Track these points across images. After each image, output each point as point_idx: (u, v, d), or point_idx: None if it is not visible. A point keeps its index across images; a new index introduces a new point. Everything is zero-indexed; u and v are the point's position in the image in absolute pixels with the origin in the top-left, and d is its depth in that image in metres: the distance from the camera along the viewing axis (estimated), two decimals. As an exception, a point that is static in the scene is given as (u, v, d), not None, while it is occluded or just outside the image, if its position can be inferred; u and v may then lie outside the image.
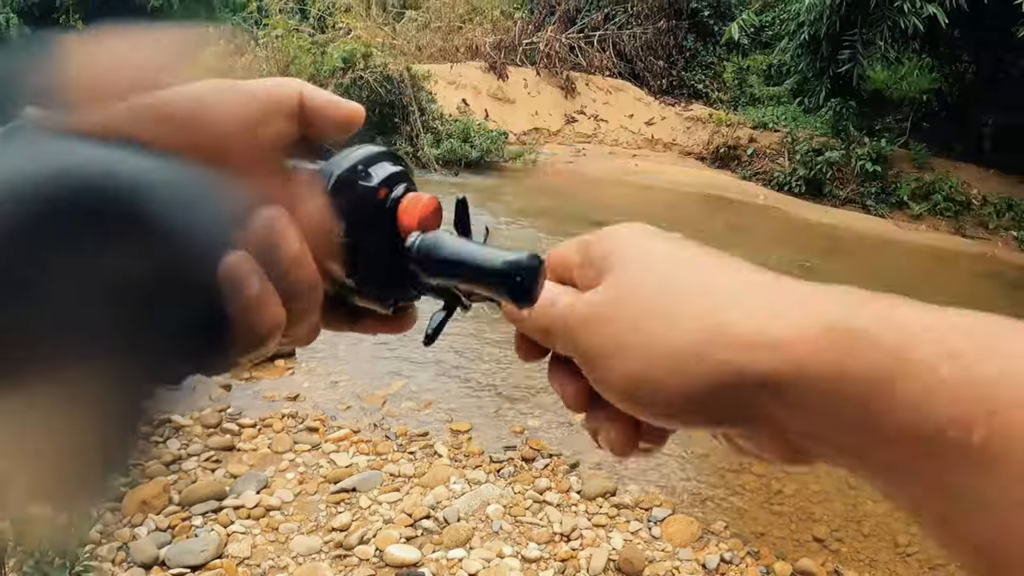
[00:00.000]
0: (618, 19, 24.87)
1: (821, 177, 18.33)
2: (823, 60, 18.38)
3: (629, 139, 22.15)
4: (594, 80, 23.55)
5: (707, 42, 25.53)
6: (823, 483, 6.18)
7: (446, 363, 7.54)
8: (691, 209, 16.43)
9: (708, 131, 21.59)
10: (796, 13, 18.59)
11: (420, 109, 17.83)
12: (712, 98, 24.67)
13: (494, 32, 24.37)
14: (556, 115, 22.32)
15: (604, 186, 17.57)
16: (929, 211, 17.40)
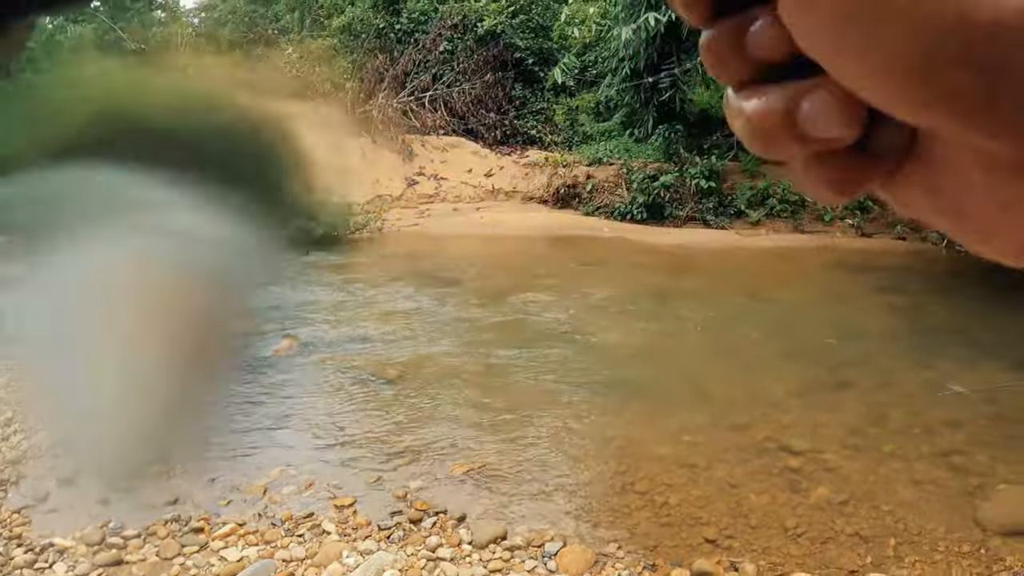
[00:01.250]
0: (446, 78, 25.27)
1: (660, 201, 19.09)
2: (647, 91, 19.13)
3: (471, 193, 22.50)
4: (430, 140, 23.94)
5: (535, 89, 26.28)
6: (703, 488, 6.50)
7: (320, 440, 7.60)
8: (540, 252, 16.92)
9: (546, 174, 22.20)
10: (615, 50, 19.15)
11: (261, 191, 17.70)
12: (547, 142, 25.40)
13: (326, 105, 24.35)
14: (397, 180, 22.55)
15: (452, 242, 17.90)
16: (767, 215, 18.39)
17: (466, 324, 11.08)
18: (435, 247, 17.40)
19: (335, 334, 10.78)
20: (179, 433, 1.37)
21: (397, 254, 16.80)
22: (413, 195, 22.27)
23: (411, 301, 12.51)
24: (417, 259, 16.20)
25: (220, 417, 8.01)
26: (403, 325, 11.07)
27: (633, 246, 16.99)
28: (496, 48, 25.43)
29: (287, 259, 7.19)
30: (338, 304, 12.48)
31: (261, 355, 9.91)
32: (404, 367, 9.26)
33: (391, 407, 8.12)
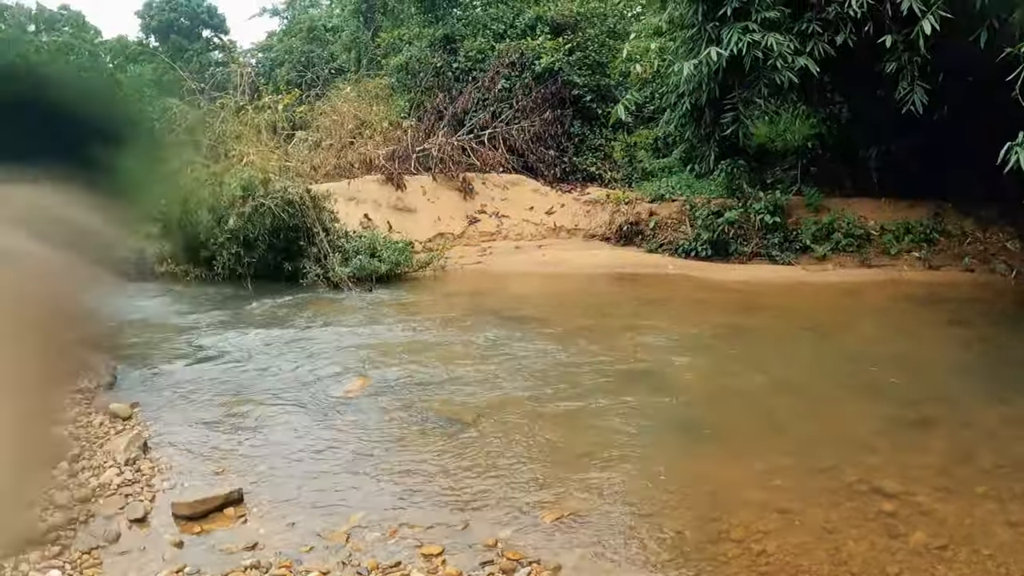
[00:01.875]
0: (505, 116, 25.35)
1: (724, 237, 18.85)
2: (707, 125, 18.96)
3: (532, 231, 22.51)
4: (490, 178, 23.96)
5: (593, 125, 26.33)
6: (800, 534, 6.32)
7: (400, 484, 7.46)
8: (606, 290, 16.86)
9: (608, 211, 22.12)
10: (675, 86, 19.14)
11: (324, 229, 17.86)
12: (606, 178, 25.31)
13: (385, 143, 24.61)
14: (458, 218, 22.64)
15: (515, 280, 17.92)
16: (832, 250, 18.08)
17: (538, 364, 10.95)
18: (499, 285, 17.39)
19: (407, 374, 10.68)
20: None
21: (461, 292, 16.78)
22: (475, 233, 22.31)
23: (480, 340, 12.40)
24: (482, 297, 16.14)
25: (297, 458, 8.16)
26: (475, 365, 10.96)
27: (698, 283, 16.81)
28: (554, 85, 25.50)
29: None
30: (407, 343, 12.43)
31: (334, 395, 9.99)
32: (480, 409, 9.16)
33: (470, 450, 8.01)
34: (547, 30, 26.62)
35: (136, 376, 11.53)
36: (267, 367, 11.49)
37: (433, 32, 28.07)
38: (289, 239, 17.75)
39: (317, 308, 15.53)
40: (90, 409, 10.00)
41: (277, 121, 23.25)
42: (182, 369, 11.71)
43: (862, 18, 15.36)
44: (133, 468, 7.87)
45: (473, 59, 27.12)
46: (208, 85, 26.48)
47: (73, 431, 9.01)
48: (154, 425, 9.24)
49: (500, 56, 26.27)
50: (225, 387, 10.61)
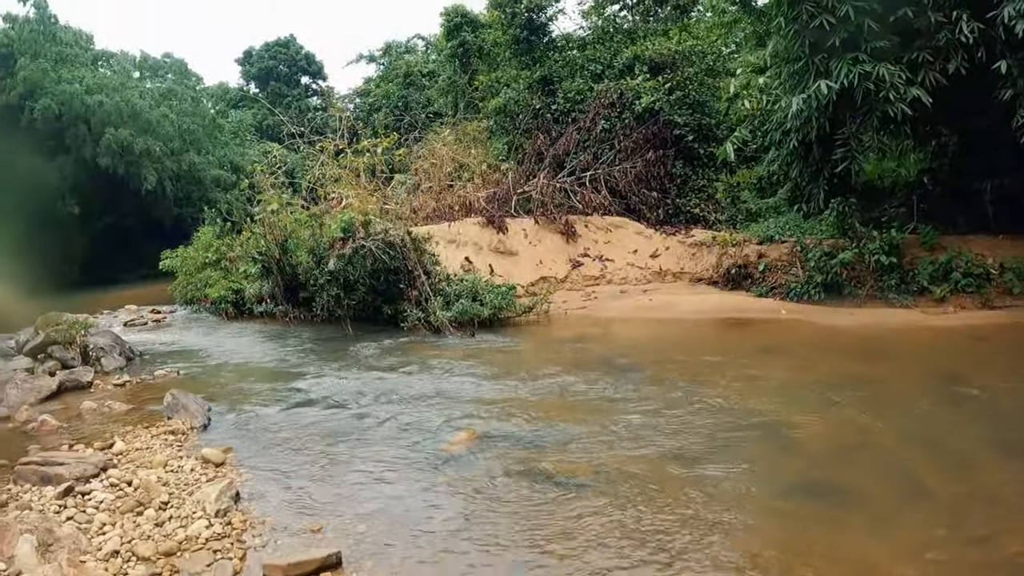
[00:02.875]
0: (606, 157, 24.81)
1: (838, 280, 17.84)
2: (815, 163, 18.01)
3: (637, 275, 21.79)
4: (592, 220, 23.39)
5: (695, 166, 25.62)
6: None
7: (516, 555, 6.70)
8: (717, 337, 15.99)
9: (715, 254, 21.27)
10: (781, 122, 18.28)
11: (425, 272, 17.52)
12: (710, 220, 24.55)
13: (484, 186, 24.31)
14: (560, 261, 22.06)
15: (622, 326, 17.14)
16: (952, 291, 16.78)
17: (651, 417, 10.14)
18: (605, 331, 16.66)
19: (514, 427, 9.99)
20: None
21: (567, 338, 16.08)
22: (578, 277, 21.68)
23: (589, 391, 11.67)
24: (588, 344, 15.43)
25: (400, 519, 7.53)
26: (585, 419, 10.20)
27: (814, 329, 15.78)
28: (655, 125, 24.89)
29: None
30: (512, 392, 11.74)
31: (438, 448, 9.33)
32: (594, 468, 8.40)
33: (587, 516, 7.22)
34: (645, 70, 26.10)
35: (231, 419, 11.12)
36: (367, 414, 10.97)
37: (531, 74, 27.80)
38: (389, 281, 17.45)
39: (417, 353, 15.05)
40: (182, 452, 9.56)
41: (376, 164, 23.09)
42: (279, 413, 11.27)
43: (973, 44, 14.49)
44: (223, 520, 7.41)
45: (572, 100, 26.77)
46: (308, 129, 26.48)
47: (162, 476, 8.55)
48: (247, 473, 8.77)
49: (599, 97, 25.78)
50: (323, 434, 10.13)
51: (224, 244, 23.90)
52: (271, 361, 15.40)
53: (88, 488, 8.22)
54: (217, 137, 44.72)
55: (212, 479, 8.47)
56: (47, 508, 7.74)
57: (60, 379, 13.84)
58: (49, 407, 12.55)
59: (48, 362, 14.97)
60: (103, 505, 7.84)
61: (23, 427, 11.45)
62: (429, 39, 57.06)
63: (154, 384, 13.99)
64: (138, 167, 38.22)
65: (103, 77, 40.50)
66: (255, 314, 20.54)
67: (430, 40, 56.37)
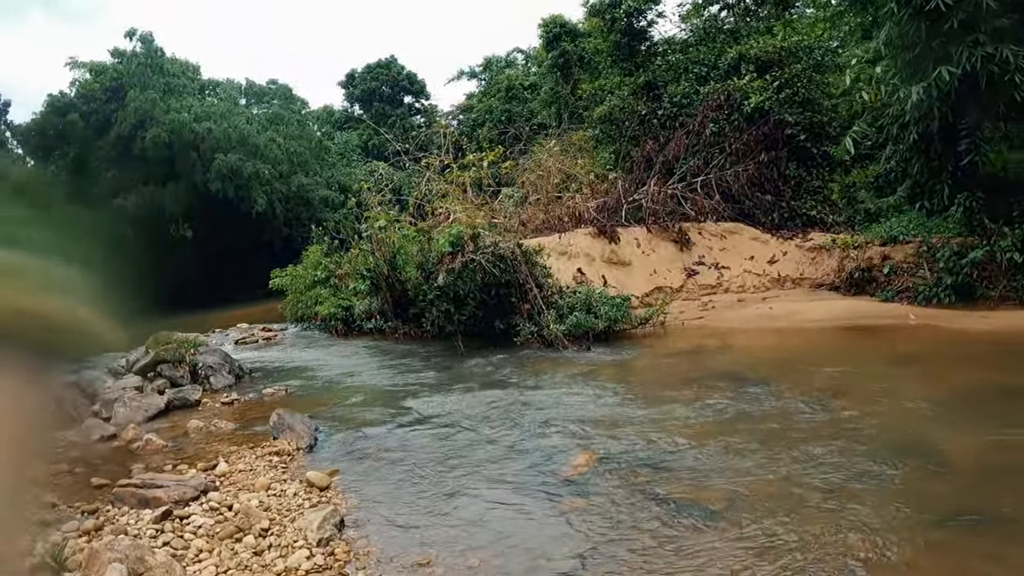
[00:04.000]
0: (717, 161, 23.97)
1: (968, 281, 16.59)
2: (937, 157, 16.93)
3: (755, 282, 20.94)
4: (706, 227, 22.62)
5: (809, 167, 24.51)
6: None
7: None
8: (845, 345, 14.99)
9: (835, 258, 20.29)
10: (897, 115, 17.22)
11: (537, 285, 17.04)
12: (828, 222, 23.36)
13: (593, 196, 23.77)
14: (675, 270, 21.35)
15: (743, 337, 16.31)
16: None
17: (783, 436, 9.35)
18: (725, 343, 15.87)
19: (636, 447, 9.33)
20: None
21: (685, 351, 15.35)
22: (694, 286, 20.92)
23: (713, 408, 10.92)
24: (708, 356, 14.70)
25: (515, 551, 6.91)
26: (711, 438, 9.46)
27: (948, 335, 14.59)
28: (766, 126, 23.91)
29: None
30: (632, 409, 11.10)
31: (556, 471, 8.70)
32: (728, 494, 7.67)
33: (724, 551, 6.53)
34: (752, 69, 25.13)
35: (338, 439, 10.72)
36: (480, 434, 10.50)
37: (634, 80, 27.21)
38: (500, 295, 17.05)
39: (531, 368, 14.58)
40: (286, 475, 9.15)
41: (482, 178, 22.79)
42: (388, 432, 10.86)
43: None
44: (326, 550, 6.99)
45: (678, 104, 26.05)
46: (412, 146, 26.34)
47: (264, 500, 8.10)
48: (353, 498, 8.35)
49: (706, 99, 24.98)
50: (434, 456, 9.65)
51: (332, 262, 23.99)
52: (380, 378, 15.12)
53: (187, 512, 7.95)
54: (324, 158, 45.44)
55: (316, 504, 8.09)
56: (143, 532, 7.48)
57: (168, 397, 13.84)
58: (156, 425, 12.56)
59: (157, 380, 14.99)
60: (201, 530, 7.54)
61: (128, 446, 11.44)
62: (528, 52, 57.04)
63: (262, 403, 13.81)
64: (248, 190, 39.34)
65: (211, 105, 41.88)
66: (364, 331, 20.47)
67: (529, 53, 56.37)
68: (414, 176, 25.24)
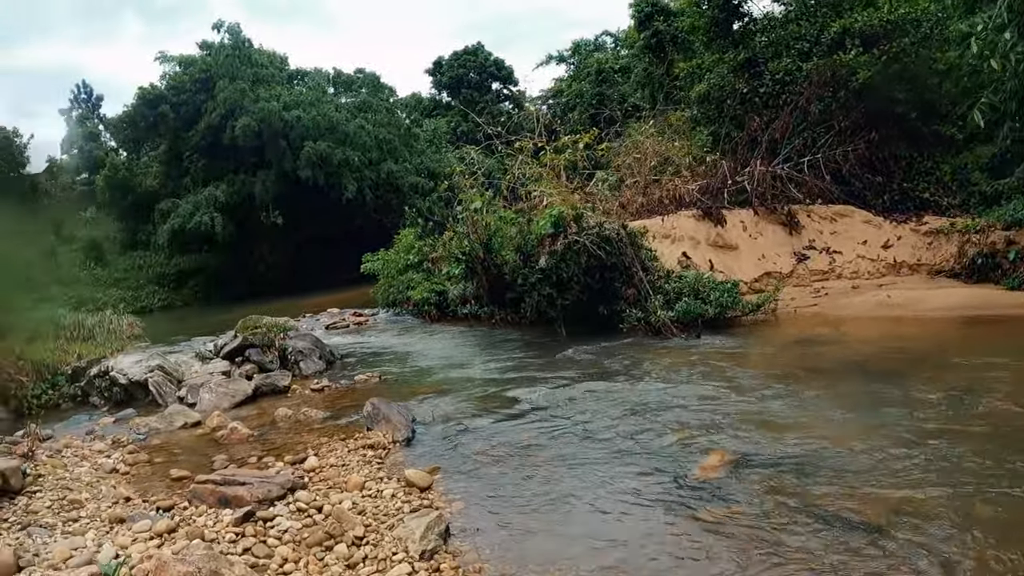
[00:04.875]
0: (823, 140, 22.73)
1: None
2: None
3: (869, 268, 19.87)
4: (815, 210, 21.52)
5: (920, 147, 23.14)
6: None
7: None
8: (977, 337, 13.91)
9: (955, 243, 19.10)
10: (1017, 89, 16.05)
11: (643, 268, 16.13)
12: (942, 205, 22.00)
13: (692, 178, 22.77)
14: (784, 255, 20.34)
15: (861, 326, 15.28)
16: None
17: (931, 437, 8.31)
18: (843, 332, 14.85)
19: (769, 447, 8.41)
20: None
21: (802, 340, 14.41)
22: (805, 272, 19.90)
23: (847, 401, 9.97)
24: (827, 346, 13.72)
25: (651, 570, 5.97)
26: (848, 436, 8.53)
27: None
28: (875, 104, 22.59)
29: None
30: (758, 404, 10.22)
31: (686, 473, 7.77)
32: (889, 506, 6.71)
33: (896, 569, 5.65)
34: (857, 43, 23.68)
35: (438, 432, 9.92)
36: (594, 429, 9.66)
37: (733, 57, 25.96)
38: (605, 279, 16.22)
39: (641, 356, 13.78)
40: (382, 472, 8.34)
41: (577, 161, 21.97)
42: (491, 426, 10.05)
43: None
44: (430, 565, 6.18)
45: (780, 82, 24.63)
46: (505, 129, 25.63)
47: (358, 502, 7.29)
48: (458, 501, 7.52)
49: (811, 75, 23.63)
50: (543, 454, 8.83)
51: (426, 245, 23.56)
52: (479, 366, 14.42)
53: (271, 513, 7.26)
54: (413, 145, 45.13)
55: (417, 509, 7.25)
56: (221, 536, 6.75)
57: (256, 383, 13.43)
58: (242, 413, 12.11)
59: (245, 365, 14.54)
60: (287, 536, 6.80)
61: (213, 434, 10.91)
62: (617, 35, 56.34)
63: (354, 390, 13.17)
64: (338, 177, 39.46)
65: (299, 94, 42.11)
66: (459, 316, 19.98)
67: (618, 36, 55.59)
68: (505, 161, 24.47)
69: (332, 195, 39.70)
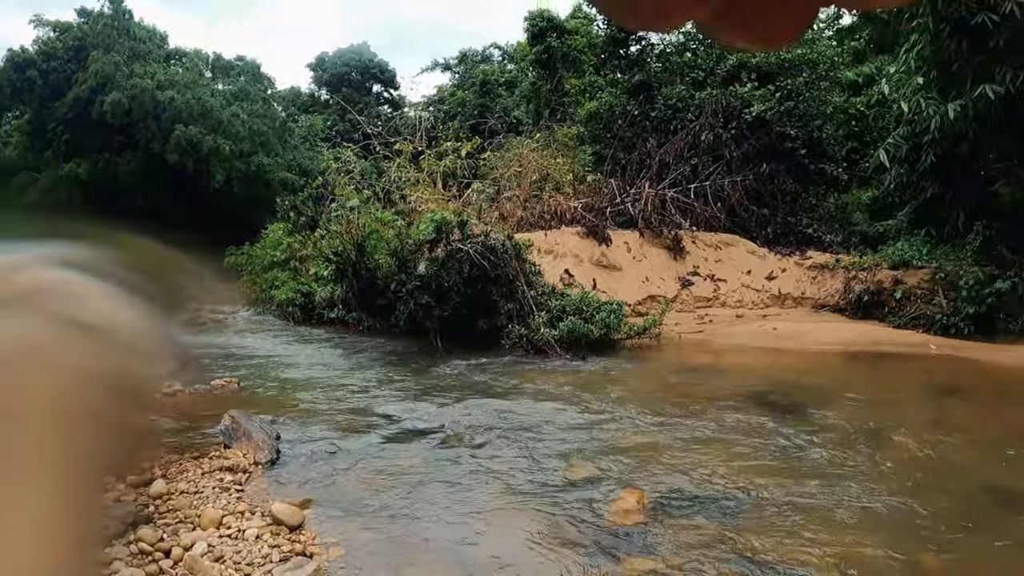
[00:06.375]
0: (712, 168, 22.84)
1: (990, 312, 15.84)
2: (956, 182, 16.52)
3: (753, 298, 19.66)
4: (700, 237, 21.31)
5: (805, 183, 23.67)
6: None
7: None
8: (872, 372, 13.98)
9: (839, 279, 19.19)
10: (909, 136, 16.79)
11: (527, 283, 15.28)
12: (824, 241, 22.49)
13: (575, 195, 22.39)
14: (668, 279, 19.90)
15: (750, 357, 15.00)
16: None
17: (850, 477, 7.77)
18: (734, 361, 14.53)
19: (685, 485, 7.58)
20: None
21: (692, 367, 13.97)
22: (689, 297, 19.49)
23: (755, 435, 9.32)
24: (722, 375, 13.33)
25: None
26: (765, 475, 7.83)
27: (979, 368, 13.49)
28: (766, 137, 22.74)
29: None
30: (660, 433, 9.46)
31: (599, 518, 6.86)
32: (828, 556, 6.00)
33: None
34: (753, 77, 24.02)
35: (307, 452, 8.69)
36: (485, 457, 8.60)
37: (628, 79, 25.80)
38: (488, 291, 15.20)
39: (526, 377, 12.93)
40: (243, 505, 7.06)
41: (457, 169, 21.31)
42: (367, 448, 8.87)
43: None
44: None
45: (673, 107, 24.74)
46: (384, 130, 25.00)
47: (216, 544, 6.09)
48: (336, 546, 6.12)
49: (701, 105, 23.71)
50: (432, 484, 7.63)
51: (296, 242, 22.29)
52: (349, 377, 13.23)
53: (108, 556, 5.53)
54: (287, 140, 43.85)
55: (288, 557, 5.78)
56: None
57: None
58: None
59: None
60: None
61: None
62: (506, 48, 55.99)
63: (211, 396, 11.76)
64: (207, 165, 37.77)
65: (175, 74, 40.35)
66: (325, 320, 18.86)
67: (507, 49, 55.28)
68: (381, 164, 23.77)
69: (200, 183, 38.15)
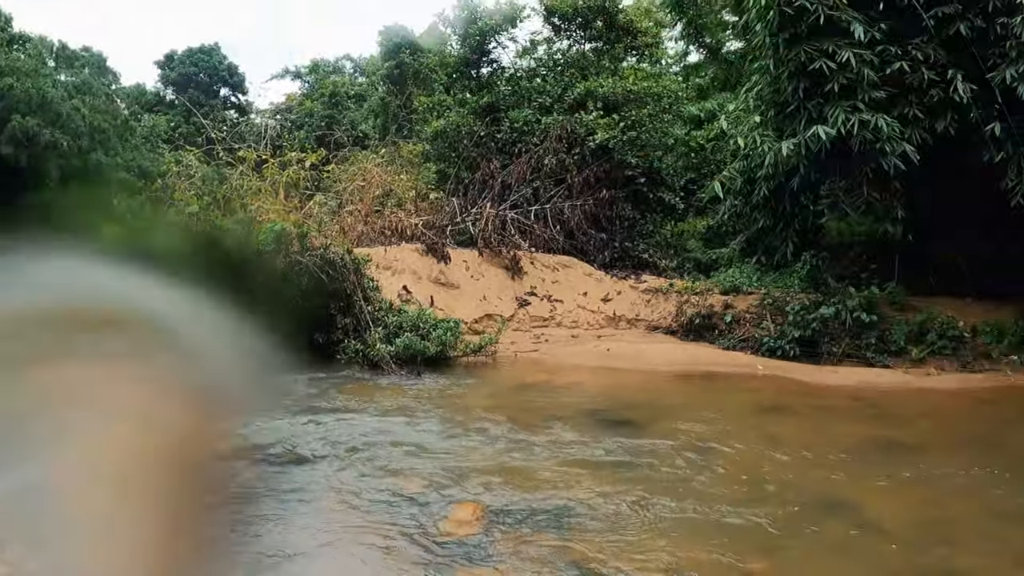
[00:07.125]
0: (554, 192, 23.39)
1: (815, 336, 16.77)
2: (785, 215, 17.33)
3: (589, 318, 20.12)
4: (539, 258, 21.71)
5: (643, 210, 24.63)
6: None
7: None
8: (702, 391, 14.48)
9: (672, 302, 19.89)
10: (744, 170, 17.71)
11: (365, 298, 15.31)
12: (660, 267, 23.47)
13: (417, 212, 22.57)
14: (506, 298, 20.19)
15: (585, 375, 15.30)
16: (930, 353, 16.04)
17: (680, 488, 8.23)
18: (569, 380, 14.79)
19: (520, 498, 7.78)
20: None
21: (527, 385, 14.22)
22: (526, 316, 19.80)
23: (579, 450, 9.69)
24: (557, 393, 13.60)
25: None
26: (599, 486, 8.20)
27: (804, 387, 14.33)
28: (608, 164, 23.50)
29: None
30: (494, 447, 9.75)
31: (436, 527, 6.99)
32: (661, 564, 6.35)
33: None
34: (599, 106, 24.66)
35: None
36: (320, 472, 8.65)
37: (476, 100, 26.18)
38: (324, 305, 15.19)
39: (360, 392, 12.94)
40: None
41: (300, 180, 21.33)
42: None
43: (967, 104, 14.16)
44: None
45: (519, 130, 25.12)
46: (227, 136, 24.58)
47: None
48: None
49: (546, 130, 24.25)
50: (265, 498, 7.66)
51: (128, 240, 21.55)
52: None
53: None
54: (128, 139, 42.18)
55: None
56: None
57: None
58: None
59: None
60: None
61: None
62: (359, 61, 55.89)
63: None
64: (42, 161, 35.77)
65: (16, 60, 38.07)
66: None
67: (359, 63, 55.19)
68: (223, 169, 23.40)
69: (31, 180, 36.29)
